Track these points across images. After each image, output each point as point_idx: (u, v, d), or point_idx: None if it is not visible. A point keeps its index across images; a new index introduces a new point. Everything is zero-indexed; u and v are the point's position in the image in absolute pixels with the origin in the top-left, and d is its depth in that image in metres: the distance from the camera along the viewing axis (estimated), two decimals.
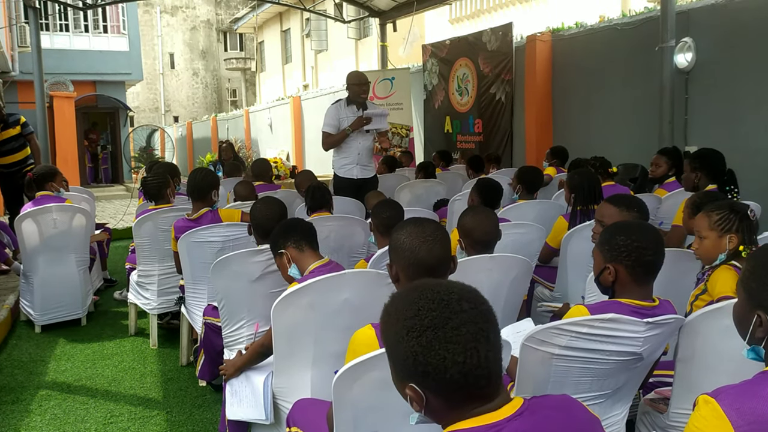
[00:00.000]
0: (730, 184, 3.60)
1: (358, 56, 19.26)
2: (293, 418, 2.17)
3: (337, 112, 5.42)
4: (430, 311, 1.07)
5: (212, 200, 3.82)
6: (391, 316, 1.13)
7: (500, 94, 8.40)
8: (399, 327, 1.09)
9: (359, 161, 5.45)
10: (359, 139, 5.41)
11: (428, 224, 1.89)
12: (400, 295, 1.15)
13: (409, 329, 1.07)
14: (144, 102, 31.11)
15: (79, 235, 4.70)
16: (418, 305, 1.09)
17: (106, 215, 10.94)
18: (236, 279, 2.99)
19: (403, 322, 1.09)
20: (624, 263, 1.94)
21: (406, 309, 1.10)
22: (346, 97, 5.51)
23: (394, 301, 1.15)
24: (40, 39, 8.52)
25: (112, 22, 17.27)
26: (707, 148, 3.91)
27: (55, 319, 4.65)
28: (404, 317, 1.09)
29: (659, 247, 1.98)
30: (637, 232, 1.98)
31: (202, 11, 31.88)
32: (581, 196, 3.61)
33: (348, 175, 5.47)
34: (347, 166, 5.47)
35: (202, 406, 3.38)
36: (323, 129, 5.47)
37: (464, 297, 1.10)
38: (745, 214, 2.36)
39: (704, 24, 5.85)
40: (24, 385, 3.71)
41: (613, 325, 1.80)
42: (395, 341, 1.10)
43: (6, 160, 6.53)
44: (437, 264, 1.82)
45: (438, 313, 1.06)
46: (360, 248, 3.89)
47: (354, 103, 5.43)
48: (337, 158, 5.53)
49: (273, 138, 17.53)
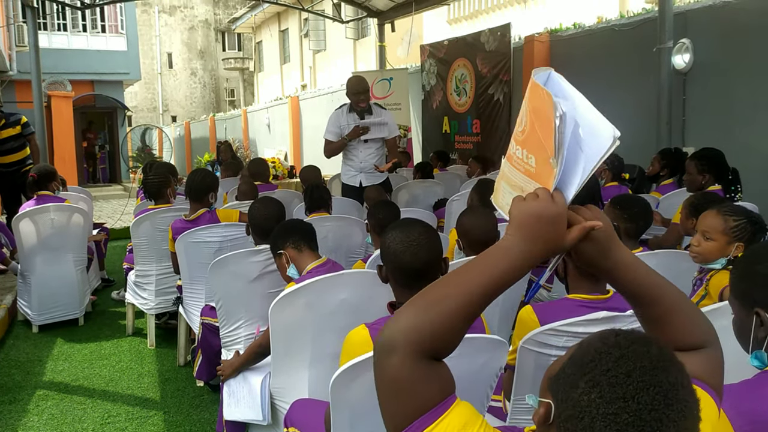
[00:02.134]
0: (735, 184, 3.59)
1: (356, 56, 19.26)
2: (291, 418, 2.17)
3: (338, 119, 5.33)
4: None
5: (209, 202, 3.82)
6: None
7: (498, 95, 8.40)
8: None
9: (363, 169, 5.36)
10: (360, 148, 5.31)
11: (415, 228, 1.84)
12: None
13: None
14: (142, 102, 31.08)
15: (76, 235, 4.69)
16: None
17: (103, 215, 10.92)
18: (234, 279, 2.99)
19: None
20: (570, 256, 1.97)
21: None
22: (349, 103, 5.40)
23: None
24: (37, 38, 8.50)
25: (110, 22, 17.25)
26: (710, 148, 3.86)
27: (52, 319, 4.65)
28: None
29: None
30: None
31: (200, 11, 31.85)
32: (579, 197, 3.59)
33: (353, 182, 5.41)
34: (351, 172, 5.42)
35: (199, 407, 3.38)
36: (325, 136, 5.39)
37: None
38: (762, 227, 2.29)
39: (702, 25, 5.86)
40: (21, 385, 3.70)
41: (609, 324, 1.81)
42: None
43: (5, 159, 6.51)
44: (424, 268, 1.78)
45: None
46: (358, 248, 3.89)
47: (355, 110, 5.32)
48: (343, 165, 5.49)
49: (271, 138, 17.53)
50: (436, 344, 0.97)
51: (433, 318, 0.96)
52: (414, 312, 0.98)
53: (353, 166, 5.40)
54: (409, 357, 0.95)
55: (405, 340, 0.95)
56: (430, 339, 0.96)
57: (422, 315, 0.97)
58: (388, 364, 0.96)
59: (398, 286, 1.83)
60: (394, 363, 0.95)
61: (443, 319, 0.97)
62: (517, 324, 2.04)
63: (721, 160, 3.75)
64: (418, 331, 0.96)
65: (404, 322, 0.97)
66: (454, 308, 0.97)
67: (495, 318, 2.67)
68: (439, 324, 0.96)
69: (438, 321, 0.96)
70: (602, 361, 0.83)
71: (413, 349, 0.95)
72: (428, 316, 0.96)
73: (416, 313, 0.98)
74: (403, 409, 0.95)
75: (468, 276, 1.00)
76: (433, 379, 0.97)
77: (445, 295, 0.98)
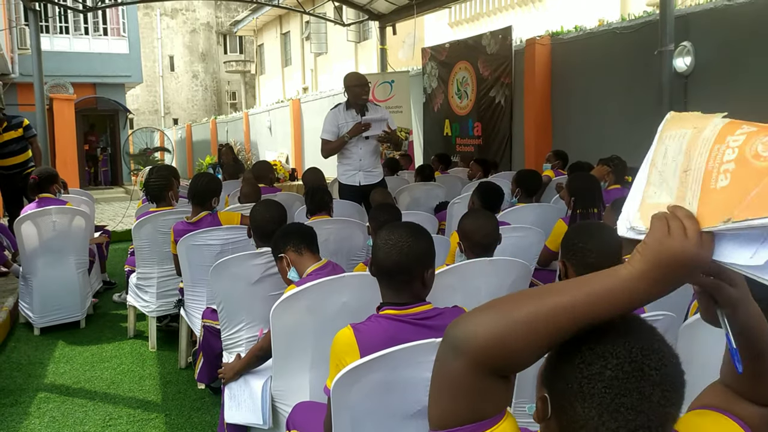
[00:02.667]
0: None
1: (357, 59, 19.29)
2: (293, 420, 2.17)
3: (336, 118, 5.22)
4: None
5: (212, 206, 3.83)
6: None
7: (499, 98, 8.41)
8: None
9: (362, 167, 5.24)
10: (360, 145, 5.20)
11: (400, 231, 1.87)
12: None
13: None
14: (144, 104, 31.13)
15: (78, 238, 4.70)
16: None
17: (105, 217, 10.93)
18: (235, 282, 2.99)
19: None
20: (571, 261, 2.05)
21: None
22: (345, 101, 5.29)
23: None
24: (40, 41, 8.52)
25: (112, 25, 17.29)
26: None
27: (54, 322, 4.65)
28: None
29: (603, 250, 2.02)
30: (587, 234, 2.08)
31: (201, 14, 31.91)
32: (581, 200, 3.61)
33: (351, 182, 5.27)
34: (349, 172, 5.27)
35: (200, 409, 3.38)
36: (321, 136, 5.27)
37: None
38: None
39: (703, 28, 5.87)
40: (23, 387, 3.70)
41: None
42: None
43: (6, 162, 6.52)
44: (397, 270, 1.81)
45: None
46: (359, 251, 3.89)
47: (354, 107, 5.20)
48: (339, 165, 5.33)
49: (272, 140, 17.55)
50: (510, 363, 0.89)
51: (519, 336, 0.86)
52: (501, 322, 0.87)
53: (352, 165, 5.26)
54: (477, 368, 0.88)
55: (480, 350, 0.87)
56: (509, 357, 0.87)
57: (509, 329, 0.86)
58: (452, 365, 0.89)
59: (382, 285, 1.88)
60: (459, 367, 0.88)
61: (529, 339, 0.86)
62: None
63: None
64: (502, 346, 0.86)
65: (487, 328, 0.87)
66: (544, 333, 0.86)
67: None
68: (523, 346, 0.86)
69: (523, 342, 0.86)
70: (583, 339, 0.88)
71: (484, 362, 0.87)
72: (515, 333, 0.86)
73: (504, 324, 0.87)
74: (454, 408, 0.92)
75: (571, 300, 0.86)
76: (493, 396, 0.91)
77: (540, 316, 0.86)
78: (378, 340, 1.70)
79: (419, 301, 1.85)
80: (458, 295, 2.48)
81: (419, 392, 1.63)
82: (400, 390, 1.66)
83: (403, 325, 1.78)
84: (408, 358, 1.63)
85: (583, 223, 2.23)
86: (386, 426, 1.68)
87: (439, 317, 1.81)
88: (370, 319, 1.82)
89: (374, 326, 1.78)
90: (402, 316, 1.80)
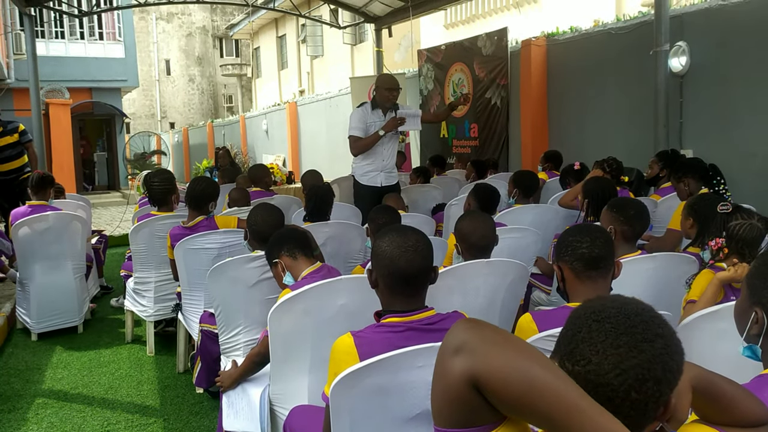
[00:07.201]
0: (716, 177, 3.76)
1: (353, 62, 19.28)
2: (290, 424, 2.17)
3: (364, 116, 5.10)
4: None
5: (209, 211, 3.82)
6: None
7: (496, 99, 8.42)
8: None
9: (384, 168, 5.15)
10: (387, 144, 5.12)
11: (411, 234, 1.85)
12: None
13: None
14: (140, 108, 31.11)
15: (75, 243, 4.69)
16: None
17: (102, 222, 10.92)
18: (233, 285, 2.99)
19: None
20: (563, 259, 2.00)
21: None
22: (371, 100, 5.19)
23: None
24: (35, 46, 8.52)
25: (107, 29, 17.27)
26: (683, 157, 4.09)
27: (51, 327, 4.64)
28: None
29: (596, 239, 1.98)
30: (575, 230, 2.05)
31: (197, 18, 31.90)
32: (594, 204, 3.45)
33: (372, 183, 5.14)
34: (371, 173, 5.15)
35: (199, 414, 3.37)
36: (350, 133, 5.11)
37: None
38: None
39: (698, 28, 5.88)
40: (20, 393, 3.70)
41: None
42: None
43: (3, 167, 6.51)
44: (416, 274, 1.80)
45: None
46: (357, 254, 3.89)
47: (380, 108, 5.10)
48: (361, 164, 5.18)
49: (269, 144, 17.54)
50: (497, 402, 0.90)
51: (521, 391, 0.86)
52: (516, 371, 0.87)
53: (374, 165, 5.14)
54: (473, 386, 0.89)
55: (483, 377, 0.88)
56: (501, 398, 0.88)
57: (519, 380, 0.86)
58: (451, 374, 0.90)
59: (388, 291, 1.84)
60: (457, 380, 0.89)
61: (526, 401, 0.86)
62: (516, 331, 2.05)
63: (694, 163, 3.96)
64: (503, 386, 0.87)
65: (501, 366, 0.87)
66: (541, 406, 0.86)
67: (494, 324, 2.67)
68: (517, 397, 0.87)
69: (521, 397, 0.86)
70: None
71: (480, 387, 0.88)
72: (520, 387, 0.86)
73: (518, 374, 0.86)
74: (450, 414, 0.93)
75: (588, 413, 0.85)
76: (486, 412, 0.92)
77: (552, 394, 0.86)
78: (379, 347, 1.68)
79: (424, 307, 1.85)
80: (456, 297, 2.48)
81: (419, 396, 1.63)
82: (400, 393, 1.65)
83: (412, 333, 1.76)
84: (408, 362, 1.62)
85: (572, 226, 2.22)
86: (385, 429, 1.67)
87: (444, 322, 1.81)
88: (370, 327, 1.81)
89: (375, 334, 1.76)
90: (411, 322, 1.78)
